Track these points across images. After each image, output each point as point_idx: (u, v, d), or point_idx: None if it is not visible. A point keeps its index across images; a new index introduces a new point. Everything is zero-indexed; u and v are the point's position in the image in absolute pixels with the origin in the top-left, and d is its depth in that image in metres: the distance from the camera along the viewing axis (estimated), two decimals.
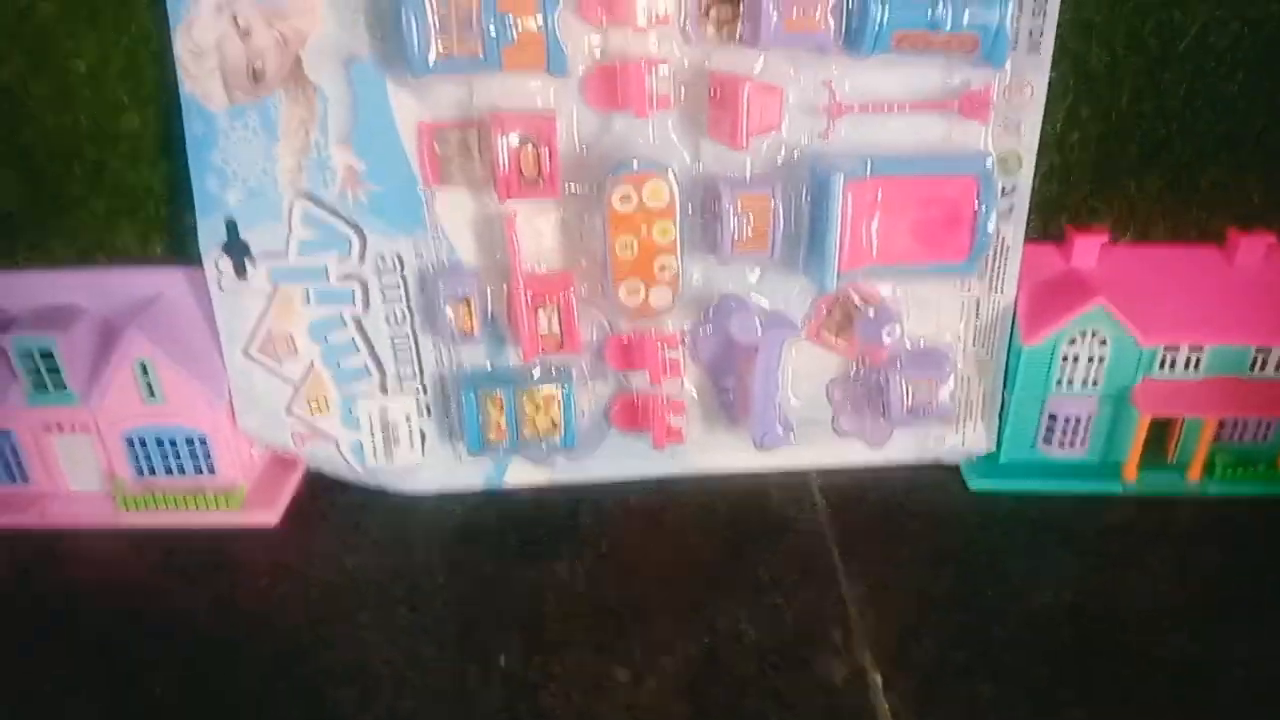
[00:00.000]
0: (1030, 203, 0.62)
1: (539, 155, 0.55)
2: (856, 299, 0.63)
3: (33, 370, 0.61)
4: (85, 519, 0.65)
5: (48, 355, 0.60)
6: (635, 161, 0.56)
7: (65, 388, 0.62)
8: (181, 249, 0.63)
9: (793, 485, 0.68)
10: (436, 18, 0.52)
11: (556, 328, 0.59)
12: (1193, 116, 0.63)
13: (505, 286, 0.61)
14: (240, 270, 0.60)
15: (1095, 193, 0.65)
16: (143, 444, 0.64)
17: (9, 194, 0.62)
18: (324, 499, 0.67)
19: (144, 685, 0.52)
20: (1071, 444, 0.67)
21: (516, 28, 0.52)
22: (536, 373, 0.63)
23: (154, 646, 0.55)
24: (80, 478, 0.66)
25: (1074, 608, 0.57)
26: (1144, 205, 0.66)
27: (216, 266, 0.60)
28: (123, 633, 0.56)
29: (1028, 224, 0.63)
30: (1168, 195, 0.65)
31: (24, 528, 0.64)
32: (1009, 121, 0.59)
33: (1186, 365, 0.64)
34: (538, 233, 0.60)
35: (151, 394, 0.62)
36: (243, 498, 0.65)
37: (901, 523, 0.64)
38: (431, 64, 0.53)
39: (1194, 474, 0.66)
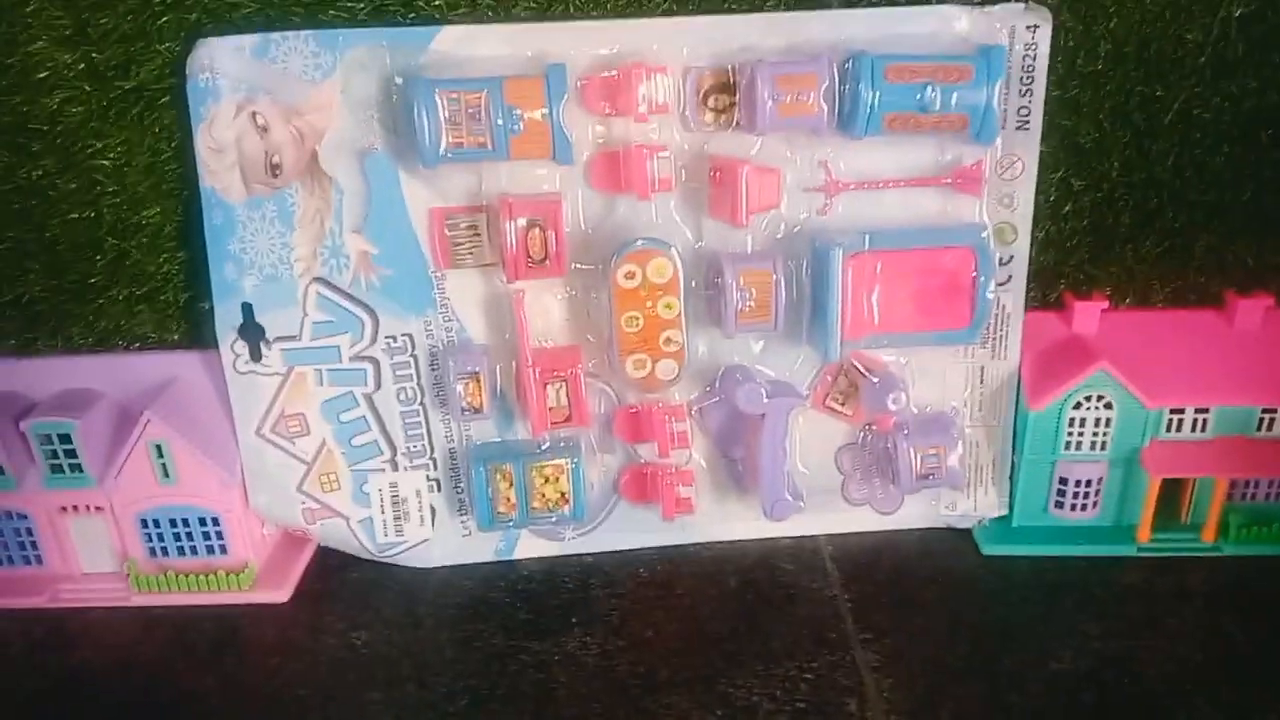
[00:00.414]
0: (1029, 271, 0.63)
1: (545, 237, 0.56)
2: (861, 367, 0.64)
3: (50, 454, 0.62)
4: (97, 599, 0.65)
5: (65, 438, 0.61)
6: (639, 240, 0.58)
7: (82, 470, 0.62)
8: (198, 334, 0.65)
9: (804, 553, 0.68)
10: (447, 112, 0.54)
11: (565, 401, 0.60)
12: (1182, 185, 0.65)
13: (514, 363, 0.62)
14: (255, 353, 0.62)
15: (1092, 260, 0.67)
16: (156, 524, 0.64)
17: (33, 284, 0.63)
18: (334, 576, 0.67)
19: None
20: (1083, 507, 0.67)
21: (523, 119, 0.55)
22: (545, 446, 0.64)
23: None
24: (93, 559, 0.66)
25: (1093, 673, 0.56)
26: (1141, 271, 0.67)
27: (232, 350, 0.62)
28: (134, 714, 0.56)
29: (1028, 292, 0.64)
30: (1164, 261, 0.67)
31: (36, 609, 0.64)
32: (1002, 194, 0.61)
33: (1194, 427, 0.64)
34: (545, 310, 0.62)
35: (166, 475, 0.63)
36: (254, 576, 0.65)
37: (915, 589, 0.64)
38: (442, 154, 0.55)
39: (1208, 535, 0.65)
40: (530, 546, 0.68)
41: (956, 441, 0.64)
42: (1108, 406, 0.64)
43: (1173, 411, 0.64)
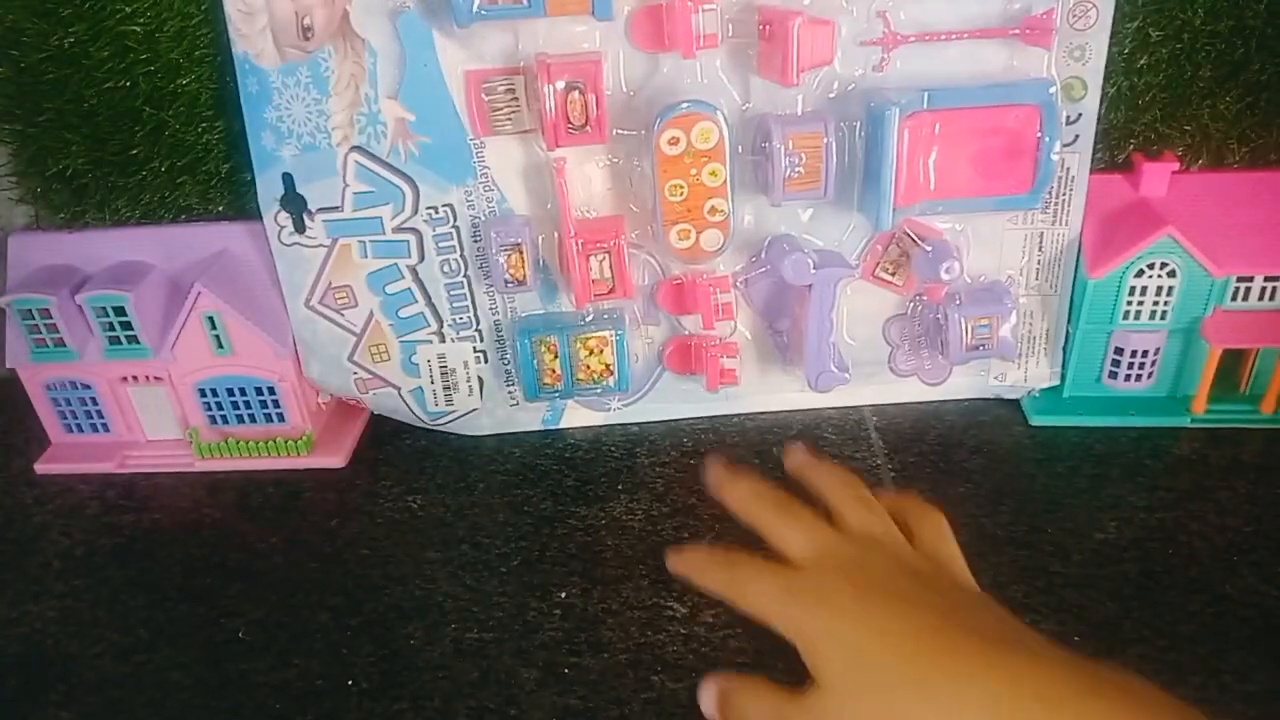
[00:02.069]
0: (1096, 131, 0.59)
1: (585, 101, 0.54)
2: (914, 236, 0.62)
3: (107, 326, 0.63)
4: (163, 464, 0.68)
5: (120, 310, 0.63)
6: (684, 103, 0.55)
7: (139, 342, 0.64)
8: (242, 205, 0.64)
9: (848, 424, 0.68)
10: None
11: (608, 273, 0.60)
12: (1274, 34, 0.60)
13: (556, 234, 0.61)
14: (299, 225, 0.62)
15: (1165, 119, 0.62)
16: (214, 394, 0.66)
17: (76, 156, 0.63)
18: (388, 443, 0.69)
19: (228, 627, 0.55)
20: (1138, 378, 0.65)
21: None
22: (589, 318, 0.63)
23: (233, 587, 0.58)
24: (157, 426, 0.69)
25: (1138, 542, 0.56)
26: (1218, 130, 0.63)
27: (276, 221, 0.62)
28: (204, 574, 0.59)
29: (1095, 153, 0.60)
30: (1244, 119, 0.62)
31: (106, 474, 0.68)
32: (1073, 46, 0.57)
33: (1261, 295, 0.62)
34: (587, 179, 0.60)
35: (220, 346, 0.64)
36: (312, 442, 0.67)
37: (960, 460, 0.64)
38: (476, 11, 0.52)
39: (1268, 406, 0.64)
40: (576, 416, 0.69)
41: (1010, 311, 0.62)
42: (1171, 274, 0.61)
43: (1240, 279, 0.61)
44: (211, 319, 0.63)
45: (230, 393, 0.66)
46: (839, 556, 0.37)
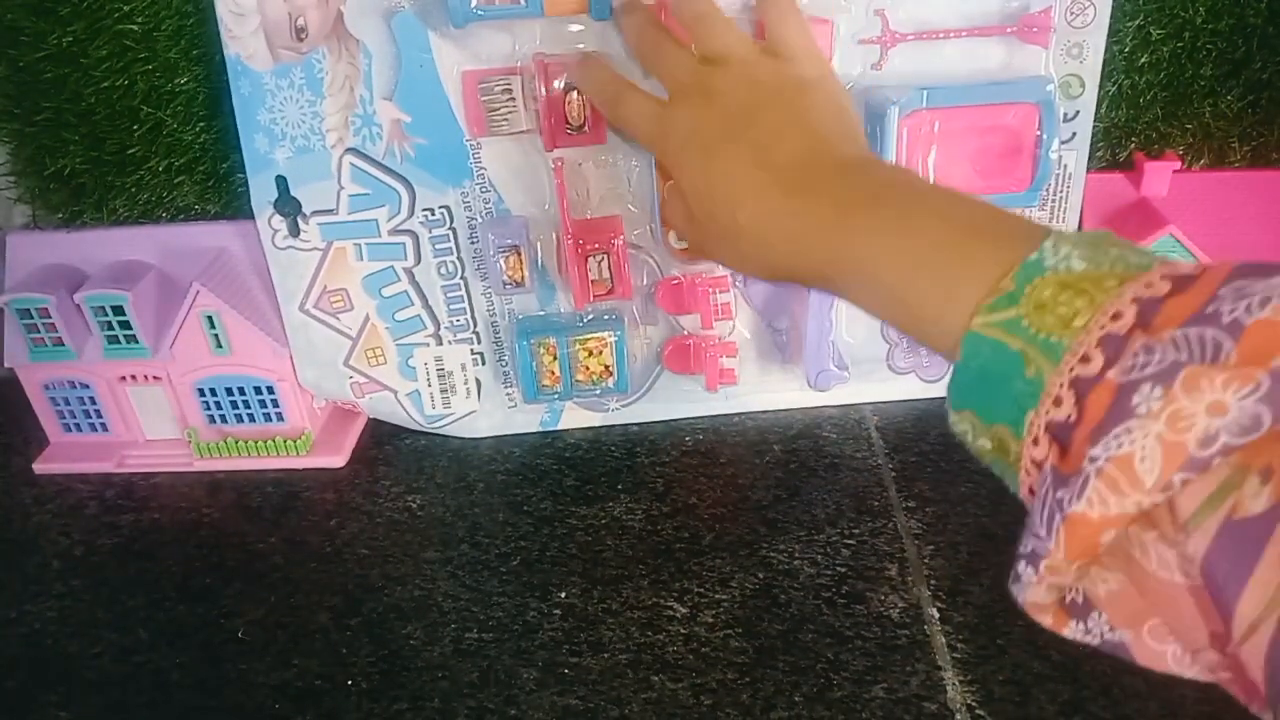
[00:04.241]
0: (1095, 129, 0.59)
1: (584, 101, 0.54)
2: None
3: (106, 325, 0.63)
4: (162, 464, 0.68)
5: (119, 310, 0.63)
6: None
7: (137, 341, 0.64)
8: (240, 205, 0.64)
9: (848, 422, 0.68)
10: None
11: (607, 274, 0.60)
12: (1276, 32, 0.59)
13: (554, 235, 0.61)
14: (294, 229, 0.61)
15: (1166, 117, 0.62)
16: (213, 393, 0.66)
17: (74, 155, 0.63)
18: (388, 442, 0.69)
19: (227, 626, 0.55)
20: None
21: None
22: (588, 319, 0.63)
23: (233, 587, 0.58)
24: (155, 426, 0.69)
25: None
26: (1219, 129, 0.62)
27: (270, 224, 0.62)
28: (203, 574, 0.59)
29: (1095, 151, 0.60)
30: (1246, 117, 0.62)
31: (105, 473, 0.68)
32: (1071, 44, 0.57)
33: None
34: (585, 179, 0.60)
35: (219, 345, 0.64)
36: (311, 442, 0.67)
37: (960, 458, 0.64)
38: (473, 11, 0.52)
39: None
40: (575, 417, 0.69)
41: None
42: None
43: None
44: (210, 318, 0.63)
45: (229, 392, 0.66)
46: (695, 88, 0.43)
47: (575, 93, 0.54)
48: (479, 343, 0.66)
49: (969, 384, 0.31)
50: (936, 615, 0.53)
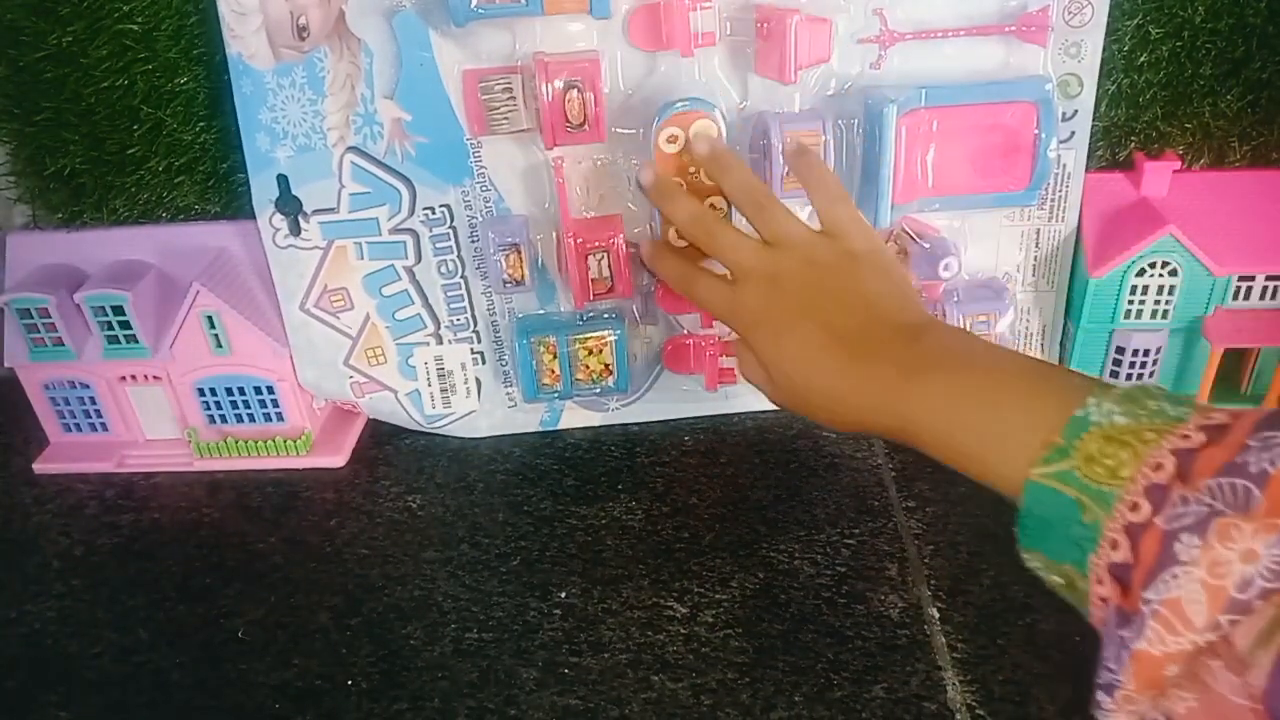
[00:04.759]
0: (1095, 128, 0.59)
1: (584, 100, 0.54)
2: (911, 233, 0.62)
3: (106, 325, 0.63)
4: (162, 464, 0.68)
5: (119, 310, 0.63)
6: (682, 101, 0.55)
7: (137, 341, 0.64)
8: (240, 205, 0.64)
9: None
10: None
11: (607, 272, 0.60)
12: (1275, 31, 0.59)
13: (554, 234, 0.61)
14: (295, 228, 0.61)
15: (1166, 116, 0.62)
16: (213, 393, 0.66)
17: (74, 155, 0.63)
18: (388, 442, 0.69)
19: (227, 626, 0.55)
20: (1139, 377, 0.65)
21: None
22: (588, 317, 0.63)
23: (232, 587, 0.58)
24: (155, 426, 0.69)
25: None
26: (1219, 128, 0.62)
27: (271, 224, 0.62)
28: (203, 574, 0.59)
29: (1095, 151, 0.60)
30: (1246, 116, 0.62)
31: (105, 473, 0.68)
32: (1069, 43, 0.57)
33: (1263, 295, 0.62)
34: (585, 178, 0.60)
35: (219, 345, 0.64)
36: (311, 442, 0.67)
37: None
38: (473, 10, 0.52)
39: (1269, 405, 0.64)
40: (575, 417, 0.69)
41: (1008, 308, 0.62)
42: (1172, 273, 0.61)
43: (1241, 279, 0.61)
44: (210, 318, 0.63)
45: (229, 392, 0.66)
46: (761, 271, 0.48)
47: (575, 91, 0.54)
48: (479, 342, 0.66)
49: (1035, 528, 0.34)
50: (936, 615, 0.53)
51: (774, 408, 0.68)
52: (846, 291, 0.45)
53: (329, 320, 0.64)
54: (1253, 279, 0.61)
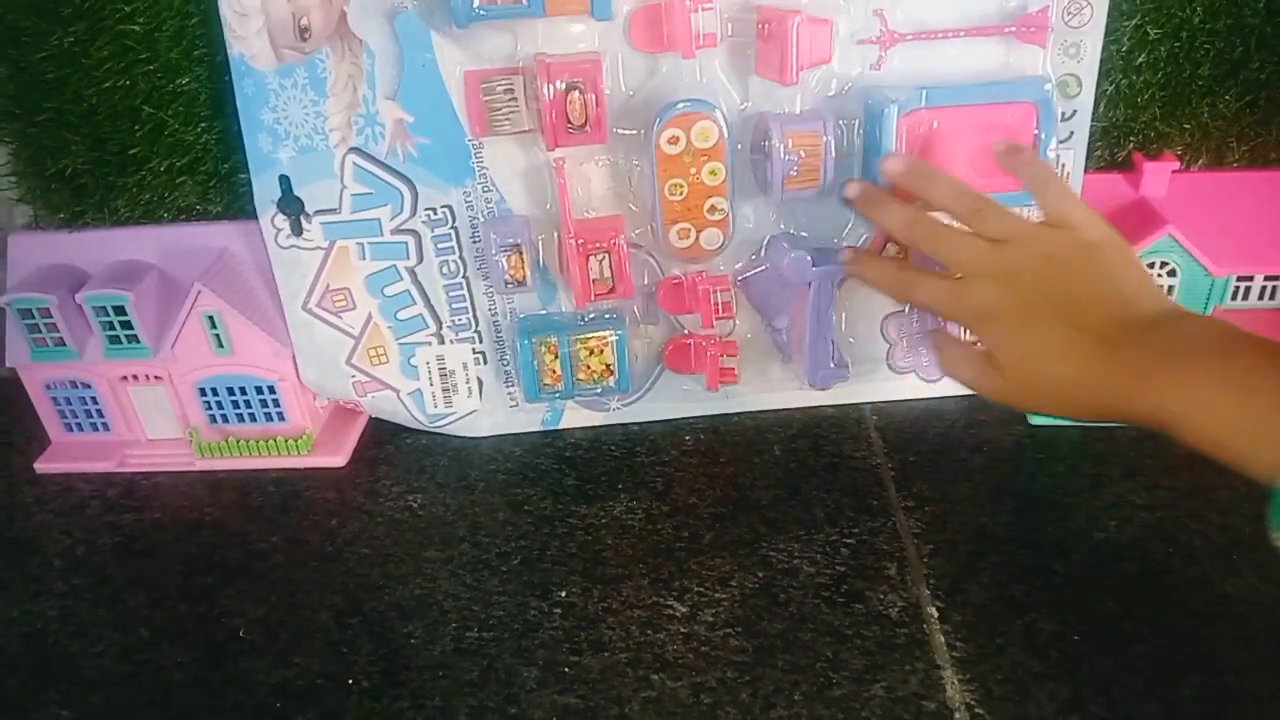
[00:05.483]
0: (1094, 129, 0.59)
1: (585, 101, 0.54)
2: None
3: (107, 325, 0.64)
4: (164, 464, 0.68)
5: (120, 310, 0.63)
6: (683, 102, 0.55)
7: (139, 341, 0.64)
8: (241, 204, 0.64)
9: (848, 422, 0.68)
10: None
11: (608, 273, 0.60)
12: (1274, 31, 0.59)
13: (556, 234, 0.61)
14: (297, 228, 0.62)
15: (1164, 117, 0.62)
16: (215, 393, 0.66)
17: (75, 156, 0.63)
18: (389, 442, 0.69)
19: (228, 626, 0.55)
20: None
21: None
22: (589, 318, 0.63)
23: (233, 586, 0.58)
24: (157, 426, 0.69)
25: (1138, 542, 0.56)
26: (1218, 129, 0.63)
27: (273, 224, 0.62)
28: (204, 573, 0.59)
29: (1094, 151, 0.60)
30: (1244, 117, 0.62)
31: (107, 473, 0.68)
32: (1068, 43, 0.57)
33: (1261, 295, 0.62)
34: (586, 179, 0.60)
35: (220, 345, 0.64)
36: (312, 441, 0.67)
37: (959, 458, 0.64)
38: (475, 11, 0.52)
39: None
40: (576, 417, 0.69)
41: None
42: (1171, 274, 0.61)
43: (1240, 279, 0.61)
44: (211, 318, 0.63)
45: (230, 392, 0.66)
46: (992, 268, 0.47)
47: (577, 92, 0.54)
48: (480, 342, 0.66)
49: None
50: (935, 614, 0.53)
51: (774, 407, 0.69)
52: (1091, 282, 0.45)
53: (331, 320, 0.65)
54: (1251, 279, 0.61)
